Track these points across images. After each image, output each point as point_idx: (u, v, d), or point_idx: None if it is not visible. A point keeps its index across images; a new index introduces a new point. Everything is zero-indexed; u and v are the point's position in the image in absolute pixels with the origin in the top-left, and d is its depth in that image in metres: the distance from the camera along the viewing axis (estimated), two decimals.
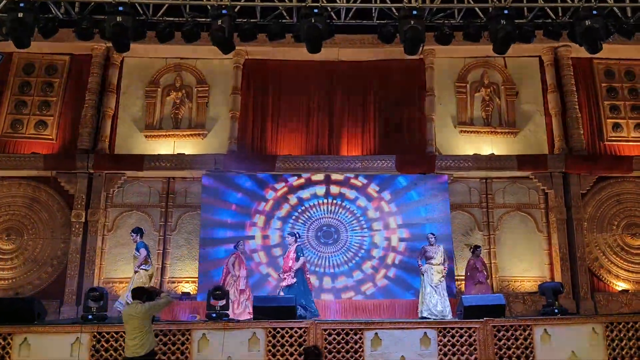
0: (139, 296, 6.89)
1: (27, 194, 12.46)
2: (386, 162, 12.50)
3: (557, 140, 12.78)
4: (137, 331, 6.55)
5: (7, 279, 12.06)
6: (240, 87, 13.08)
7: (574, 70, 13.11)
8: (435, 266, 10.31)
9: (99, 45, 12.61)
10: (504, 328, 8.07)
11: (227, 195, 12.30)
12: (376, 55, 13.21)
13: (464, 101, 13.31)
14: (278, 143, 12.97)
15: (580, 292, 11.91)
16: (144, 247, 9.98)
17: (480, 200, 12.87)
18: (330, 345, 7.89)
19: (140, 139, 12.91)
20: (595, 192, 12.75)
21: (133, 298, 6.90)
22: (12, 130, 12.80)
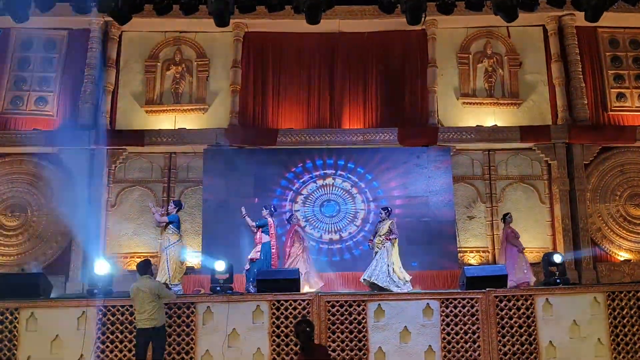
0: (146, 269, 7.00)
1: (29, 170, 12.49)
2: (388, 134, 12.45)
3: (561, 111, 12.69)
4: (146, 305, 6.71)
5: (12, 255, 12.16)
6: (241, 61, 12.97)
7: (578, 40, 12.94)
8: (377, 237, 9.88)
9: (97, 19, 12.45)
10: (505, 298, 8.12)
11: (229, 169, 12.27)
12: (377, 27, 13.05)
13: (466, 72, 13.18)
14: (279, 117, 12.92)
15: (583, 262, 11.96)
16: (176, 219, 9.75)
17: (482, 172, 12.84)
18: (333, 317, 7.96)
19: (141, 114, 12.86)
20: (598, 163, 12.71)
21: (141, 272, 6.98)
22: (12, 106, 12.76)
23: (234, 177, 12.24)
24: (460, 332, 7.97)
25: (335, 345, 7.85)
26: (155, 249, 12.25)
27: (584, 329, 8.05)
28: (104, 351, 7.69)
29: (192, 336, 7.83)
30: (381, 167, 12.43)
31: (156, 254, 12.20)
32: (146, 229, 12.41)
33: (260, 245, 9.91)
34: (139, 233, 12.42)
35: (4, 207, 12.33)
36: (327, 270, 11.58)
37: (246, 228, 10.53)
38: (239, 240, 11.69)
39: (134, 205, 12.54)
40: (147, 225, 12.40)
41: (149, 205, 10.30)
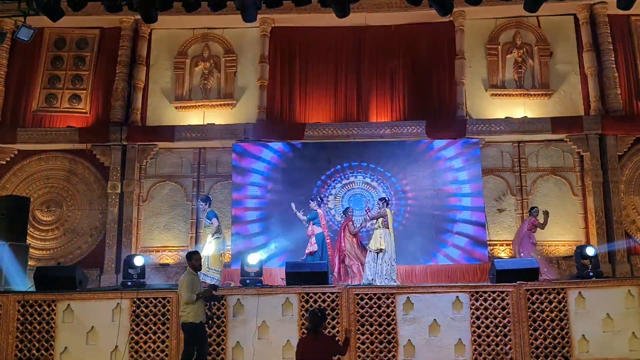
0: (187, 259, 7.09)
1: (64, 166, 12.82)
2: (416, 127, 12.38)
3: (593, 101, 12.42)
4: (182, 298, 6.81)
5: (48, 249, 12.51)
6: (268, 56, 13.03)
7: (610, 28, 12.64)
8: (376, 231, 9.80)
9: (128, 18, 12.70)
10: (537, 292, 7.99)
11: (257, 165, 12.38)
12: (404, 19, 12.96)
13: (495, 63, 13.00)
14: (306, 111, 12.96)
15: (617, 255, 11.73)
16: (215, 216, 10.06)
17: (512, 165, 12.68)
18: (362, 310, 7.97)
19: (171, 110, 13.06)
20: (632, 154, 12.43)
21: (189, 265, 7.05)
22: (47, 104, 13.09)
23: (263, 171, 12.34)
24: (490, 326, 7.89)
25: (365, 338, 7.87)
26: (186, 243, 12.46)
27: (618, 322, 7.88)
28: (137, 342, 7.85)
29: (222, 328, 7.93)
30: (409, 160, 12.35)
31: (187, 247, 12.40)
32: (177, 223, 12.62)
33: (314, 237, 9.99)
34: (170, 227, 12.63)
35: (40, 202, 12.67)
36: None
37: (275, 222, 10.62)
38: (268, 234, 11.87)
39: (164, 200, 12.75)
40: (177, 219, 12.63)
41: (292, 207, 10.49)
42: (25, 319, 7.89)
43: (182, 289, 6.79)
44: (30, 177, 12.78)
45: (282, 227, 11.88)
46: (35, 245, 12.29)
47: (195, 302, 6.77)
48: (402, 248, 11.88)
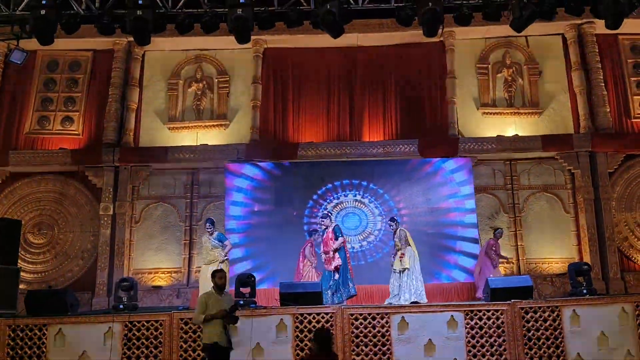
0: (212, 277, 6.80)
1: (56, 188, 12.76)
2: (408, 146, 12.45)
3: (583, 119, 12.56)
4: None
5: (39, 272, 12.39)
6: (261, 76, 13.13)
7: (598, 47, 12.84)
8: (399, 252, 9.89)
9: (121, 40, 12.78)
10: (532, 310, 7.99)
11: (250, 185, 12.38)
12: (395, 40, 13.12)
13: (485, 82, 13.16)
14: (299, 131, 13.02)
15: (610, 272, 11.75)
16: (226, 237, 10.08)
17: (505, 182, 12.74)
18: (357, 330, 7.92)
19: (164, 131, 13.07)
20: (623, 171, 12.52)
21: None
22: (39, 127, 13.08)
23: (256, 191, 12.34)
24: (486, 345, 7.86)
25: (360, 359, 7.81)
26: (179, 264, 12.39)
27: (613, 340, 7.87)
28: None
29: None
30: (402, 178, 12.40)
31: (180, 270, 12.34)
32: (169, 245, 12.55)
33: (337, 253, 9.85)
34: (163, 249, 12.56)
35: (31, 225, 12.59)
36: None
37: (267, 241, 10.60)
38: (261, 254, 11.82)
39: (157, 222, 12.70)
40: (170, 241, 12.57)
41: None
42: (15, 344, 7.78)
43: (195, 308, 6.67)
44: (22, 200, 12.71)
45: (275, 246, 11.83)
46: (26, 269, 12.16)
47: (208, 322, 6.45)
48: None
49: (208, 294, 6.67)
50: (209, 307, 6.49)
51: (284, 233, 11.84)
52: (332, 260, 9.73)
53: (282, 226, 12.10)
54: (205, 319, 6.44)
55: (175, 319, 7.95)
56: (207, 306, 6.50)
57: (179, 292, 12.04)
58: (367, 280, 11.55)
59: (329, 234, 9.98)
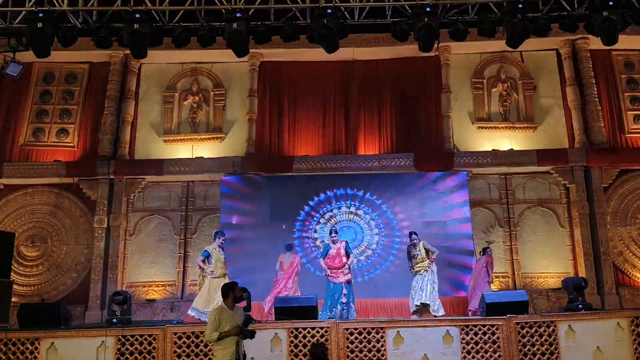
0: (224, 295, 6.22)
1: (50, 201, 12.69)
2: (404, 160, 12.48)
3: (577, 134, 12.63)
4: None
5: (32, 285, 12.28)
6: (257, 90, 13.16)
7: (592, 63, 12.95)
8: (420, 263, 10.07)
9: (117, 52, 12.79)
10: (527, 325, 7.96)
11: (246, 198, 12.36)
12: (391, 54, 13.18)
13: (481, 97, 13.23)
14: (295, 144, 13.03)
15: (605, 287, 11.75)
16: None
17: (500, 197, 12.76)
18: (352, 345, 7.87)
19: (159, 143, 13.06)
20: (617, 186, 12.57)
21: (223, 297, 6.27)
22: (34, 138, 13.04)
23: (251, 204, 12.32)
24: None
25: None
26: (173, 278, 12.31)
27: (608, 355, 7.84)
28: None
29: None
30: (397, 192, 12.42)
31: (174, 283, 12.26)
32: (164, 258, 12.48)
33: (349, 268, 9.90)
34: (157, 262, 12.48)
35: (25, 237, 12.50)
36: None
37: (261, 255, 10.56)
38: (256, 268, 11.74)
39: (152, 234, 12.63)
40: (165, 253, 12.50)
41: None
42: (8, 358, 7.69)
43: (207, 326, 6.04)
44: (16, 212, 12.63)
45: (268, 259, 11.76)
46: (19, 281, 12.06)
47: (221, 340, 5.90)
48: (393, 280, 11.90)
49: (220, 309, 6.13)
50: (222, 323, 5.96)
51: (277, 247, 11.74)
52: (343, 274, 9.76)
53: (275, 239, 12.03)
54: (220, 337, 5.89)
55: (169, 333, 7.88)
56: (220, 322, 5.95)
57: (172, 305, 11.96)
58: (363, 294, 11.51)
59: (340, 249, 9.96)
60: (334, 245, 10.01)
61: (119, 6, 8.90)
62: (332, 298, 9.71)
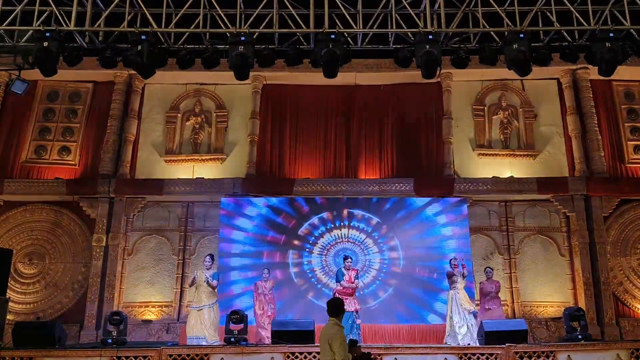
0: (335, 312, 5.66)
1: (49, 218, 12.66)
2: (404, 185, 12.48)
3: (578, 163, 12.66)
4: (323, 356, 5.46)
5: (28, 303, 12.18)
6: (259, 112, 13.24)
7: (593, 92, 13.05)
8: (461, 291, 10.06)
9: (122, 72, 12.89)
10: (526, 354, 7.90)
11: (245, 220, 12.36)
12: (393, 79, 13.29)
13: (481, 124, 13.30)
14: (296, 166, 13.06)
15: (605, 317, 11.66)
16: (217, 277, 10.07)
17: (500, 224, 12.74)
18: None
19: (161, 163, 13.09)
20: (617, 215, 12.55)
21: (333, 314, 5.65)
22: (36, 156, 13.07)
23: (251, 226, 12.30)
24: None
25: None
26: (170, 298, 12.23)
27: None
28: None
29: None
30: (397, 217, 12.40)
31: (170, 304, 12.16)
32: (162, 278, 12.41)
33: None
34: (154, 282, 12.40)
35: (23, 254, 12.44)
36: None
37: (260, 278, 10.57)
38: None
39: (150, 254, 12.58)
40: (162, 274, 12.43)
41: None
42: None
43: (336, 346, 5.35)
44: (15, 229, 12.59)
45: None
46: (15, 299, 11.96)
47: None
48: (390, 307, 11.81)
49: (341, 328, 5.61)
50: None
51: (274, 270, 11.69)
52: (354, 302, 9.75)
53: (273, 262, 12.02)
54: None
55: (164, 355, 7.83)
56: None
57: (168, 327, 11.85)
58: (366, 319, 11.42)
59: (352, 276, 9.90)
60: (347, 272, 9.91)
61: (125, 27, 9.02)
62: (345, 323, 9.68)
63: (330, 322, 5.58)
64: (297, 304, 11.73)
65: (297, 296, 11.83)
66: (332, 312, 5.62)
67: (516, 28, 9.30)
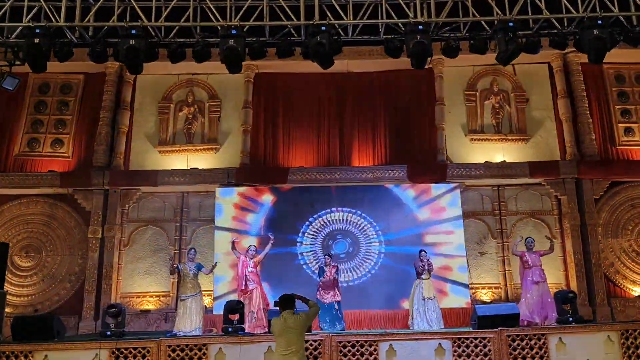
0: (290, 305, 6.14)
1: (44, 211, 12.70)
2: (397, 171, 12.56)
3: (569, 146, 12.77)
4: (294, 346, 5.89)
5: (26, 296, 12.28)
6: (252, 101, 13.24)
7: (583, 76, 13.10)
8: (426, 280, 10.33)
9: (113, 64, 12.77)
10: (518, 337, 8.05)
11: (240, 208, 12.41)
12: (385, 66, 13.28)
13: (473, 109, 13.36)
14: (290, 155, 13.10)
15: (597, 298, 11.86)
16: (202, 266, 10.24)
17: (492, 208, 12.87)
18: (345, 358, 7.94)
19: (154, 154, 13.11)
20: (608, 197, 12.69)
21: (283, 307, 6.12)
22: (29, 149, 13.07)
23: (246, 215, 12.36)
24: None
25: None
26: (167, 288, 12.34)
27: None
28: None
29: None
30: (391, 204, 12.48)
31: (168, 294, 12.28)
32: (158, 268, 12.50)
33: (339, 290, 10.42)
34: (151, 272, 12.51)
35: (19, 247, 12.50)
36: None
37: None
38: None
39: (146, 245, 12.67)
40: (159, 264, 12.52)
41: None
42: None
43: (310, 317, 6.17)
44: (10, 222, 12.64)
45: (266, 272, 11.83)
46: (12, 292, 12.05)
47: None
48: (384, 292, 11.96)
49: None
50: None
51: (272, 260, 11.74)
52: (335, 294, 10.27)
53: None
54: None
55: (163, 345, 7.94)
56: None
57: (166, 316, 11.97)
58: (354, 305, 11.58)
59: (332, 272, 10.42)
60: (327, 268, 10.43)
61: (115, 22, 8.98)
62: (329, 313, 9.95)
63: (286, 314, 6.00)
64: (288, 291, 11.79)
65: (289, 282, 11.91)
66: (285, 306, 6.12)
67: (506, 16, 9.33)
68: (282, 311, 6.11)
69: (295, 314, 6.04)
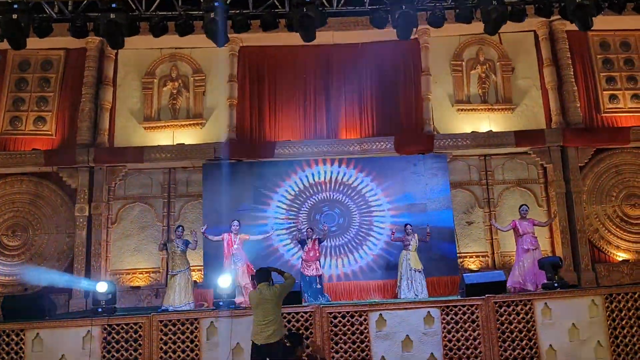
0: (266, 278, 6.60)
1: (29, 190, 12.59)
2: (385, 143, 12.57)
3: (554, 115, 12.83)
4: (271, 316, 6.31)
5: (15, 275, 12.22)
6: (237, 75, 13.11)
7: (569, 44, 13.10)
8: (413, 252, 10.73)
9: (93, 38, 12.52)
10: (505, 304, 8.18)
11: (228, 183, 12.37)
12: (370, 37, 13.13)
13: (460, 79, 13.33)
14: (276, 129, 13.03)
15: (582, 264, 12.07)
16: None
17: (479, 178, 12.96)
18: (336, 328, 8.04)
19: (140, 130, 12.98)
20: (593, 165, 12.83)
21: (259, 280, 6.62)
22: (11, 127, 12.89)
23: (233, 190, 12.33)
24: (461, 339, 8.04)
25: (339, 356, 7.93)
26: (157, 264, 12.36)
27: (584, 332, 8.12)
28: None
29: (196, 352, 7.90)
30: (378, 175, 12.51)
31: (158, 270, 12.31)
32: (147, 245, 12.51)
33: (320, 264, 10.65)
34: (141, 249, 12.51)
35: (5, 227, 12.43)
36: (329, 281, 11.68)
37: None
38: None
39: (134, 222, 12.64)
40: (148, 241, 12.52)
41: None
42: None
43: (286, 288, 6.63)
44: None
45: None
46: (1, 271, 12.03)
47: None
48: (374, 262, 12.08)
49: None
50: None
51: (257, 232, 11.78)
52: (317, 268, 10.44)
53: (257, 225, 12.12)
54: None
55: (155, 321, 7.98)
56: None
57: (157, 292, 12.02)
58: (344, 277, 11.70)
59: (315, 243, 10.56)
60: (309, 241, 10.61)
61: None
62: (310, 287, 10.08)
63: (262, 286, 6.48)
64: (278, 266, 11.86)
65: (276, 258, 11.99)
66: (261, 279, 6.58)
67: None
68: (258, 284, 6.44)
69: (271, 285, 6.38)
